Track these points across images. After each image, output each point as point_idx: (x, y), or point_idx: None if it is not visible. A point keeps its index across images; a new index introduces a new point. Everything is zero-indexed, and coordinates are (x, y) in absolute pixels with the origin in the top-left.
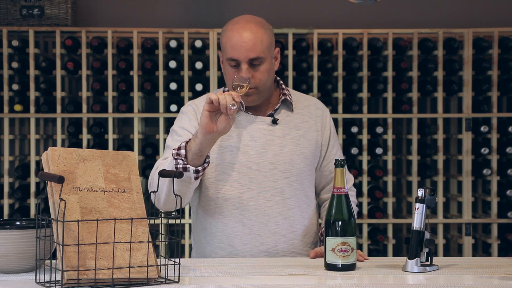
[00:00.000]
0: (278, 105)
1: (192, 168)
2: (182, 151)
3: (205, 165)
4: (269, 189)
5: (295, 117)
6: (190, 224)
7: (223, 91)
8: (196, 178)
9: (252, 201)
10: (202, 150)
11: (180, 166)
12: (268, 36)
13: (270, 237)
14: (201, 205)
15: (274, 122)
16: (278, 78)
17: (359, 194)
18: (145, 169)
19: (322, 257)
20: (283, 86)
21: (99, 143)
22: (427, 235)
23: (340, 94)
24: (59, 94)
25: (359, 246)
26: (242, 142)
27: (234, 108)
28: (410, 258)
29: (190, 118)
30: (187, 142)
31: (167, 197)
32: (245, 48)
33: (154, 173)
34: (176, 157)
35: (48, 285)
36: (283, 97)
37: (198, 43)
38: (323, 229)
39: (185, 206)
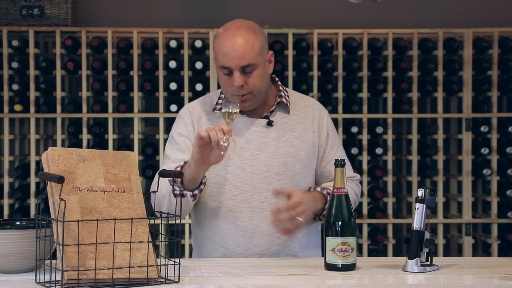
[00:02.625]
0: (274, 107)
1: (189, 193)
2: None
3: (202, 186)
4: (263, 191)
5: (291, 118)
6: (190, 224)
7: (220, 94)
8: (194, 199)
9: (246, 203)
10: (196, 177)
11: (177, 192)
12: (260, 41)
13: (263, 238)
14: (197, 208)
15: (269, 124)
16: (276, 79)
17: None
18: (145, 169)
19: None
20: (281, 88)
21: (99, 143)
22: (427, 235)
23: (340, 94)
24: (59, 94)
25: (359, 246)
26: (237, 144)
27: (226, 145)
28: (410, 258)
29: (186, 123)
30: (182, 167)
31: (168, 210)
32: (236, 56)
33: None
34: (172, 183)
35: (48, 285)
36: (279, 99)
37: (198, 43)
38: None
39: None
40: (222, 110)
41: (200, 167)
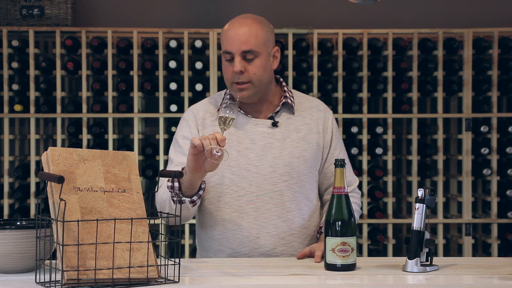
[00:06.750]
0: (279, 107)
1: (187, 200)
2: (176, 184)
3: (200, 192)
4: (268, 192)
5: (296, 119)
6: (190, 224)
7: (224, 95)
8: (193, 205)
9: (251, 204)
10: (193, 184)
11: (175, 199)
12: (265, 32)
13: (269, 239)
14: (202, 209)
15: (274, 124)
16: (281, 80)
17: None
18: (145, 169)
19: (310, 257)
20: (285, 88)
21: (99, 143)
22: (427, 235)
23: (340, 94)
24: (59, 94)
25: (359, 246)
26: (242, 145)
27: (219, 154)
28: (410, 258)
29: (190, 126)
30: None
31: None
32: (238, 40)
33: (158, 195)
34: (170, 190)
35: (48, 285)
36: (284, 100)
37: (198, 43)
38: (322, 225)
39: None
40: (219, 115)
41: (196, 174)
